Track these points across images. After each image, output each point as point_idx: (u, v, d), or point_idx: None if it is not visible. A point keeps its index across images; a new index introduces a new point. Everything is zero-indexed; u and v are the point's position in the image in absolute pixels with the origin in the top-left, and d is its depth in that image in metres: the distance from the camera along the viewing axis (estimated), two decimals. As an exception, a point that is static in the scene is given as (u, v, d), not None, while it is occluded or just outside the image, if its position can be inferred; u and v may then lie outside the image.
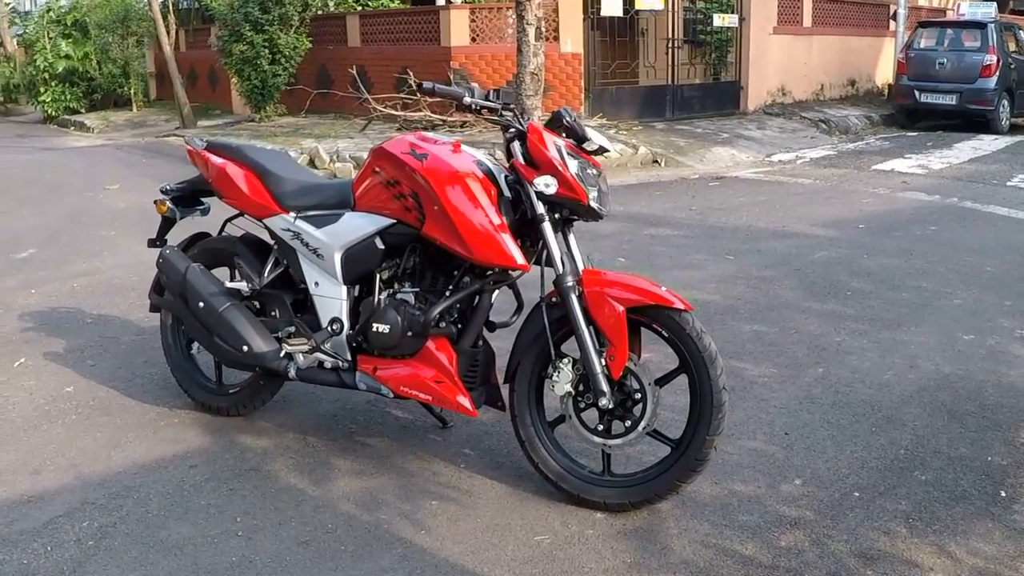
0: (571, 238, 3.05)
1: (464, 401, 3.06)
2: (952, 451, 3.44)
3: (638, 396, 2.91)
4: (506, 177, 3.04)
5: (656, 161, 11.16)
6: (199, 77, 19.06)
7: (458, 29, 12.93)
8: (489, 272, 3.05)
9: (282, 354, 3.38)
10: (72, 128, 17.47)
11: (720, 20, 14.05)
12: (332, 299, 3.32)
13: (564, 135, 2.96)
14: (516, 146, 2.97)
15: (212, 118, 16.34)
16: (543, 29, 10.34)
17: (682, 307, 2.85)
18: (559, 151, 2.88)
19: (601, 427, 2.97)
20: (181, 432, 3.69)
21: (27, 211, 8.79)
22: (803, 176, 10.18)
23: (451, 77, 12.77)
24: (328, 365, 3.36)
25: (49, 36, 18.60)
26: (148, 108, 19.30)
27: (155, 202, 3.87)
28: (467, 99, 2.95)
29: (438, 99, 12.82)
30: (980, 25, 14.09)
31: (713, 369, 2.83)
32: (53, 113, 18.59)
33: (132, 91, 18.86)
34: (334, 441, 3.57)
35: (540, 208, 2.90)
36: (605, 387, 2.86)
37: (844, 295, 5.46)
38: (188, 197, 3.87)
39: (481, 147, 10.76)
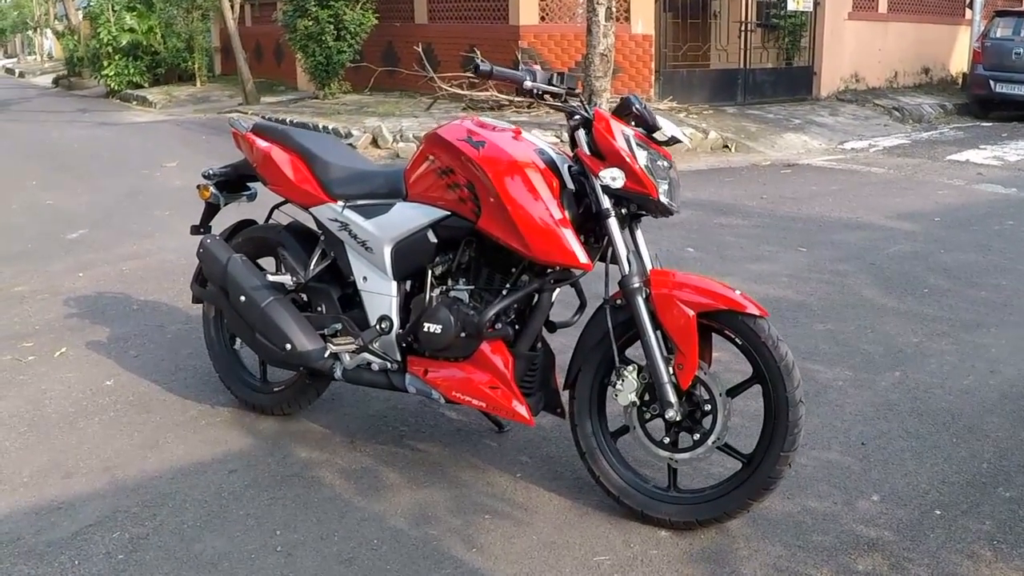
0: (638, 235, 2.82)
1: (521, 409, 2.85)
2: None
3: (708, 408, 2.69)
4: (569, 168, 2.81)
5: (726, 146, 10.84)
6: (264, 52, 19.03)
7: (527, 7, 12.65)
8: (549, 270, 2.83)
9: (327, 353, 3.19)
10: (134, 103, 17.55)
11: (795, 4, 13.58)
12: (381, 295, 3.12)
13: (633, 123, 2.72)
14: (581, 135, 2.74)
15: (276, 94, 16.29)
16: (614, 9, 10.05)
17: (757, 312, 2.60)
18: (627, 141, 2.64)
19: (667, 440, 2.75)
20: (222, 432, 3.52)
21: (83, 188, 8.80)
22: (876, 165, 9.78)
23: (519, 57, 12.51)
24: (376, 367, 3.17)
25: (113, 9, 18.56)
26: (212, 83, 19.31)
27: (198, 187, 3.70)
28: (528, 83, 2.72)
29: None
30: (1058, 15, 13.59)
31: (790, 381, 2.60)
32: (116, 87, 18.59)
33: (196, 66, 18.83)
34: (383, 445, 3.38)
35: (606, 203, 2.68)
36: (673, 398, 2.64)
37: (921, 292, 5.16)
38: (233, 182, 3.69)
39: (549, 128, 10.60)
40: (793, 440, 2.61)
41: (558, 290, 2.97)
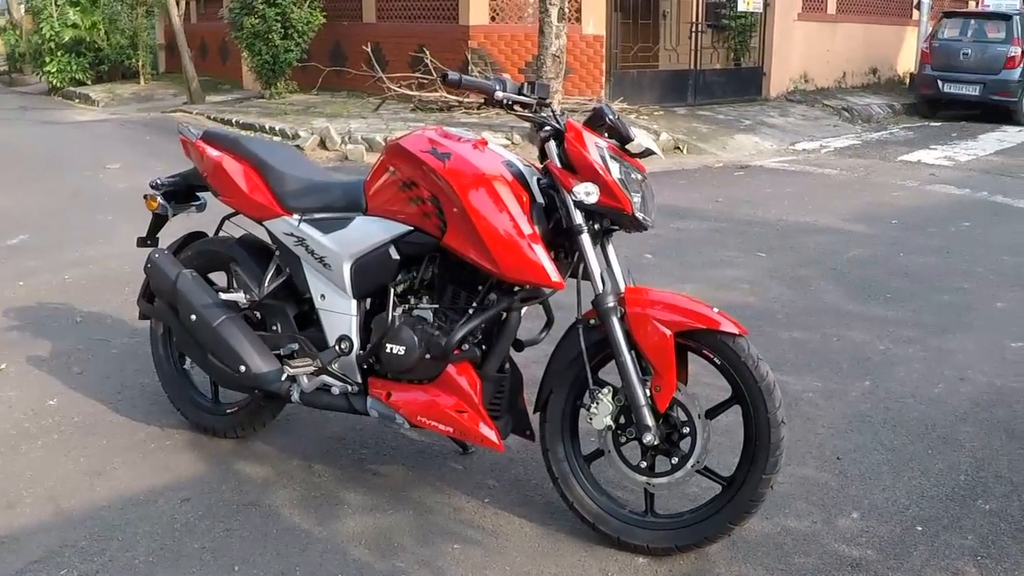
0: (611, 250, 2.71)
1: (489, 433, 2.72)
2: (1014, 475, 3.20)
3: (686, 430, 2.59)
4: (538, 180, 2.69)
5: (678, 148, 10.80)
6: (210, 50, 18.66)
7: (477, 7, 12.51)
8: (518, 288, 2.70)
9: (284, 376, 3.03)
10: (77, 100, 17.06)
11: (744, 4, 13.64)
12: (340, 314, 2.97)
13: (606, 134, 2.60)
14: (552, 146, 2.62)
15: (222, 93, 15.94)
16: (566, 9, 9.95)
17: (736, 331, 2.50)
18: (601, 154, 2.53)
19: (644, 464, 2.64)
20: (173, 457, 3.32)
21: (23, 190, 8.46)
22: (829, 166, 9.82)
23: (468, 57, 12.39)
24: (336, 389, 3.01)
25: (56, 4, 18.05)
26: (156, 81, 18.85)
27: (145, 197, 3.50)
28: (499, 94, 2.59)
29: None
30: (1005, 16, 13.99)
31: (771, 401, 2.50)
32: (58, 84, 18.06)
33: (140, 63, 18.37)
34: (343, 469, 3.22)
35: (578, 218, 2.56)
36: (650, 421, 2.53)
37: (884, 297, 5.15)
38: (182, 192, 3.50)
39: (500, 130, 10.48)
40: (775, 462, 2.52)
41: (526, 308, 2.84)
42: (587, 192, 2.49)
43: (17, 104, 16.95)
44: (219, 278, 3.40)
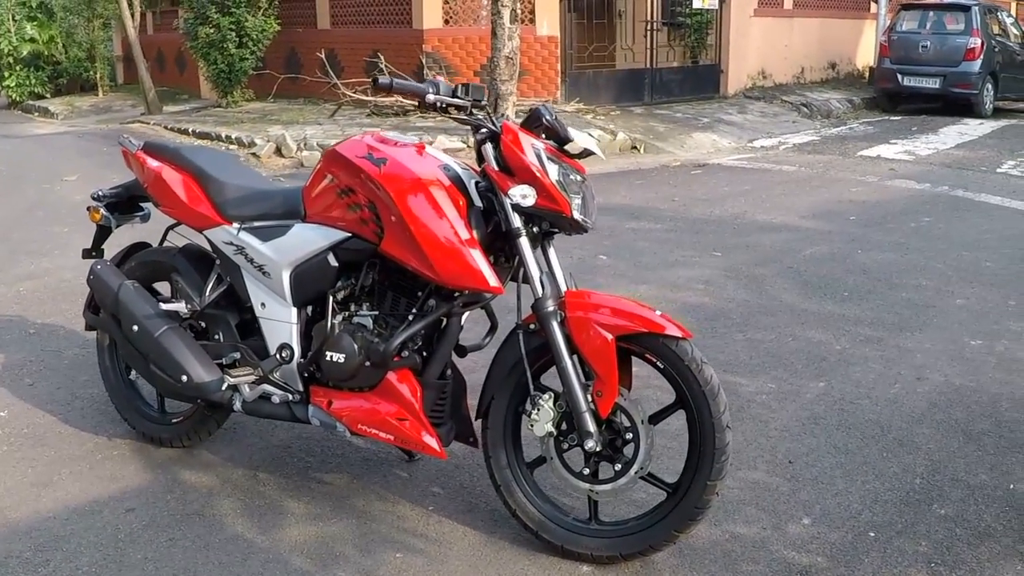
0: (551, 253, 2.67)
1: (431, 441, 2.69)
2: (971, 478, 3.13)
3: (629, 436, 2.55)
4: (477, 184, 2.66)
5: (635, 147, 10.82)
6: (167, 61, 18.49)
7: (431, 11, 12.47)
8: (457, 294, 2.66)
9: (224, 385, 2.98)
10: (36, 114, 16.87)
11: (700, 1, 13.68)
12: (281, 323, 2.93)
13: (543, 135, 2.57)
14: (488, 149, 2.58)
15: (179, 103, 15.79)
16: (519, 11, 9.93)
17: (679, 334, 2.47)
18: (538, 155, 2.49)
19: (587, 471, 2.61)
20: (120, 467, 3.30)
21: (-25, 204, 8.34)
22: (787, 163, 9.86)
23: (424, 61, 12.35)
24: (276, 398, 2.97)
25: (14, 18, 17.86)
26: (115, 93, 18.70)
27: (88, 209, 3.47)
28: (430, 96, 2.55)
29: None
30: (964, 8, 13.96)
31: (715, 405, 2.47)
32: (17, 98, 17.92)
33: (98, 75, 18.24)
34: (288, 478, 3.18)
35: (516, 221, 2.52)
36: (592, 427, 2.49)
37: (841, 295, 5.14)
38: (125, 203, 3.47)
39: (455, 134, 10.43)
40: (720, 468, 2.49)
41: (467, 313, 2.81)
42: (523, 195, 2.46)
43: (-24, 118, 16.71)
44: (165, 288, 3.37)
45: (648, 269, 5.71)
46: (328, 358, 2.77)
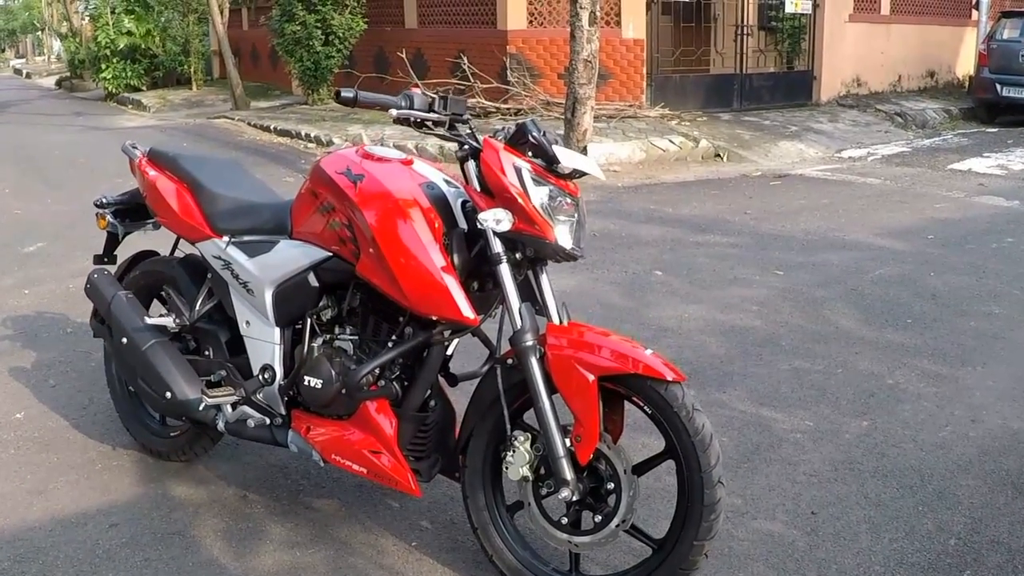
0: (544, 280, 2.45)
1: (404, 477, 2.51)
2: (1014, 541, 2.78)
3: (611, 485, 2.33)
4: (463, 204, 2.47)
5: (718, 155, 10.48)
6: (261, 57, 18.78)
7: (515, 12, 12.31)
8: (438, 321, 2.48)
9: (202, 405, 2.87)
10: (130, 106, 17.35)
11: (792, 6, 13.18)
12: (264, 342, 2.80)
13: (530, 154, 2.35)
14: (471, 167, 2.39)
15: (270, 99, 16.03)
16: (598, 13, 9.67)
17: (670, 377, 2.24)
18: (519, 176, 2.29)
19: (566, 520, 2.39)
20: (115, 479, 3.24)
21: (53, 197, 8.54)
22: (873, 175, 9.38)
23: (507, 63, 12.21)
24: (252, 422, 2.85)
25: (113, 11, 18.41)
26: (208, 87, 19.14)
27: (96, 215, 3.41)
28: (393, 111, 2.37)
29: (488, 85, 12.22)
30: (1066, 15, 13.16)
31: (705, 458, 2.23)
32: (114, 90, 18.43)
33: (192, 69, 18.65)
34: (277, 501, 3.06)
35: (497, 246, 2.33)
36: (569, 475, 2.28)
37: (904, 322, 4.78)
38: (135, 210, 3.39)
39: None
40: (709, 527, 2.25)
41: (456, 341, 2.63)
42: (497, 219, 2.26)
43: (73, 110, 17.28)
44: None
45: (702, 287, 5.43)
46: (306, 383, 2.64)
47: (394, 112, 2.36)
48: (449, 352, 2.68)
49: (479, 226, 2.30)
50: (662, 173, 9.64)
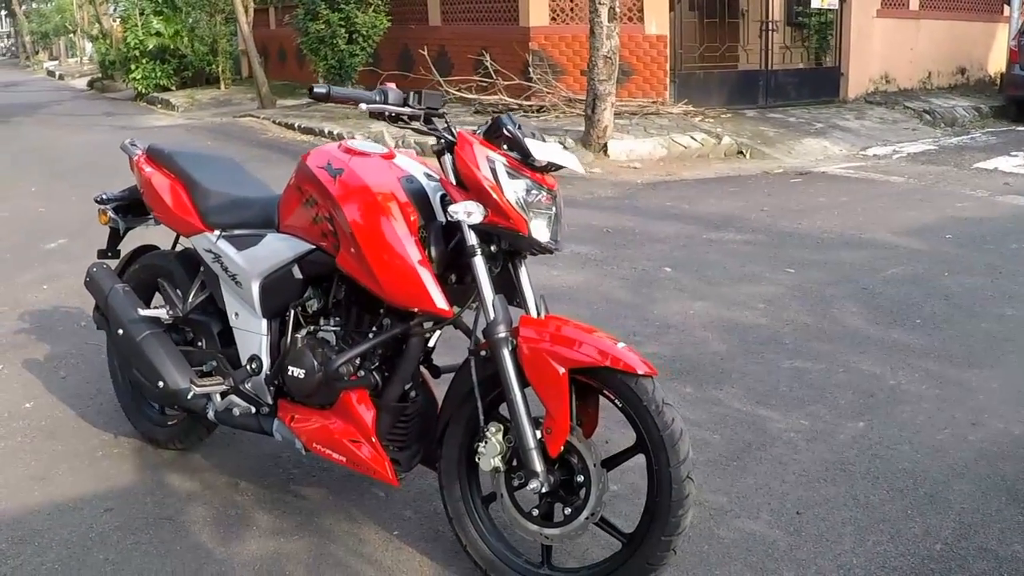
0: (523, 273, 2.47)
1: (383, 467, 2.55)
2: (1003, 549, 2.71)
3: (581, 478, 2.34)
4: (443, 198, 2.50)
5: (741, 152, 10.43)
6: (288, 55, 18.90)
7: (537, 9, 12.34)
8: (417, 312, 2.51)
9: (191, 394, 2.93)
10: (159, 106, 17.53)
11: (819, 1, 13.06)
12: (252, 333, 2.86)
13: (505, 147, 2.37)
14: (447, 160, 2.42)
15: (297, 97, 16.09)
16: (617, 9, 9.67)
17: (640, 371, 2.24)
18: (493, 170, 2.31)
19: (537, 512, 2.41)
20: (115, 466, 3.34)
21: (77, 196, 8.64)
22: (896, 173, 9.29)
23: (529, 59, 12.23)
24: (236, 412, 2.91)
25: (141, 13, 18.64)
26: (236, 86, 19.28)
27: (98, 211, 3.49)
28: (363, 106, 2.41)
29: (511, 82, 12.21)
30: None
31: (674, 453, 2.22)
32: (143, 90, 18.62)
33: (220, 69, 18.83)
34: (266, 489, 3.12)
35: (471, 239, 2.35)
36: (539, 466, 2.29)
37: (913, 323, 4.72)
38: (137, 206, 3.45)
39: (553, 133, 10.27)
40: (676, 523, 2.24)
41: (439, 333, 2.66)
42: (468, 211, 2.28)
43: (103, 110, 17.49)
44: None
45: (711, 284, 5.41)
46: (290, 373, 2.69)
47: (364, 106, 2.39)
48: (431, 344, 2.72)
49: (450, 218, 2.32)
50: (682, 170, 9.60)
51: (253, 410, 2.88)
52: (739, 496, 3.02)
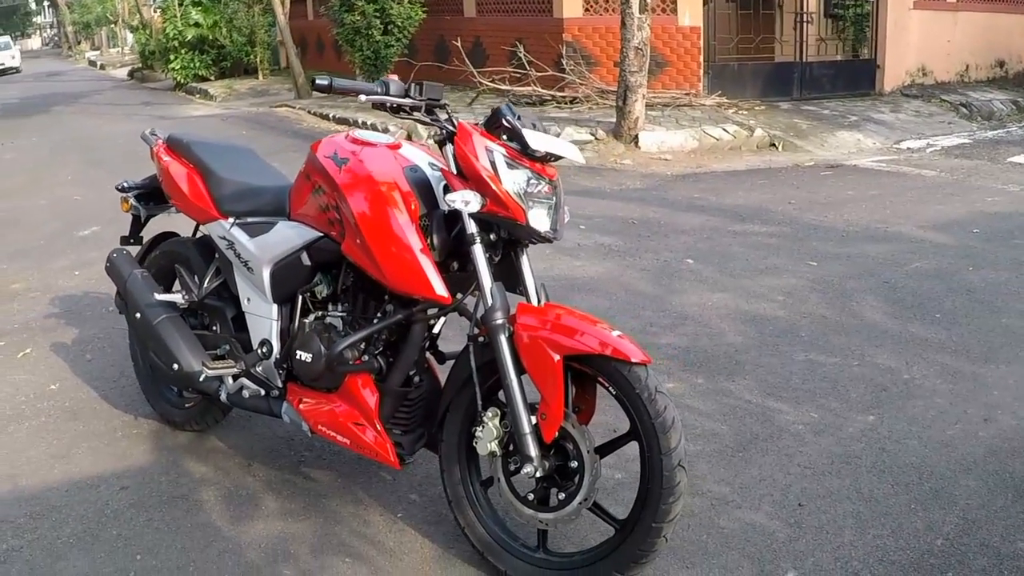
0: (523, 261, 2.51)
1: (385, 450, 2.61)
2: (1005, 546, 2.68)
3: (574, 464, 2.38)
4: (446, 187, 2.54)
5: (773, 144, 10.35)
6: (326, 46, 19.02)
7: (571, 0, 12.31)
8: (419, 299, 2.55)
9: (202, 376, 3.01)
10: (198, 96, 17.77)
11: (855, -8, 12.93)
12: (262, 318, 2.93)
13: (505, 137, 2.40)
14: (448, 151, 2.47)
15: (333, 87, 16.27)
16: (649, 1, 9.64)
17: (634, 358, 2.27)
18: (491, 160, 2.35)
19: (533, 496, 2.45)
20: (133, 446, 3.44)
21: (111, 185, 8.77)
22: (928, 167, 9.18)
23: (563, 51, 12.22)
24: (246, 394, 2.99)
25: (180, 3, 18.87)
26: (274, 76, 19.49)
27: (121, 199, 3.59)
28: (363, 97, 2.46)
29: (544, 73, 12.17)
30: None
31: (665, 440, 2.25)
32: (182, 80, 18.90)
33: (258, 59, 19.02)
34: (277, 471, 3.21)
35: (471, 227, 2.39)
36: (533, 451, 2.33)
37: (932, 317, 4.68)
38: (158, 193, 3.53)
39: (585, 125, 10.28)
40: (668, 510, 2.27)
41: (443, 319, 2.71)
42: (465, 200, 2.33)
43: (141, 100, 17.78)
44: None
45: (732, 276, 5.41)
46: (298, 357, 2.76)
47: (363, 98, 2.44)
48: (436, 330, 2.77)
49: (448, 206, 2.37)
50: (713, 162, 9.57)
51: (263, 393, 2.96)
52: (742, 487, 3.04)
